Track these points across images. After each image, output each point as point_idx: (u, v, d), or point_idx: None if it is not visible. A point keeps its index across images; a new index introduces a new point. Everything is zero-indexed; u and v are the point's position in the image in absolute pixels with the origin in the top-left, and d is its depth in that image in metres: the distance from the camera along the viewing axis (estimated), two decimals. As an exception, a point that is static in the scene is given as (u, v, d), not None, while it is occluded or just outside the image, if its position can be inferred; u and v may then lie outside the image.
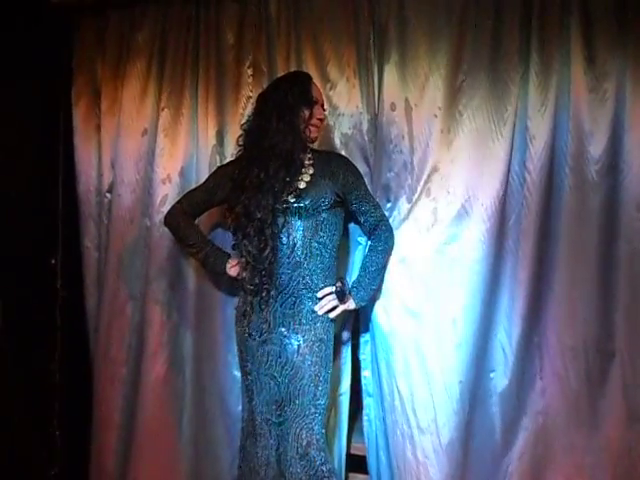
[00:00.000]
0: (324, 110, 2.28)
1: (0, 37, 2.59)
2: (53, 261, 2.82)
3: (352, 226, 2.45)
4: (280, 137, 2.10)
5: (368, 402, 2.50)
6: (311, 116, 2.18)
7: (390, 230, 2.32)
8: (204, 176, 2.48)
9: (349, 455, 2.56)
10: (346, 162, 2.31)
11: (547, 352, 2.27)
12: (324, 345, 2.18)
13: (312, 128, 2.20)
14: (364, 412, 2.50)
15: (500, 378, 2.28)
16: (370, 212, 2.28)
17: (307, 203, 2.14)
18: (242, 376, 2.29)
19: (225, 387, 2.58)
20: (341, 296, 2.21)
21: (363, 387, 2.51)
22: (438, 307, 2.29)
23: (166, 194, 2.60)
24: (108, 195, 2.75)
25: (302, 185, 2.17)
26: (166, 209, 2.51)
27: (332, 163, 2.26)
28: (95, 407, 2.71)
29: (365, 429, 2.50)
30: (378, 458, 2.45)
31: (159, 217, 2.57)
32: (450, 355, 2.26)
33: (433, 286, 2.30)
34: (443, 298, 2.28)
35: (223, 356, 2.57)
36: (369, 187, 2.36)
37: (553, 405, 2.26)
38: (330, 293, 2.20)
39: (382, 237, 2.29)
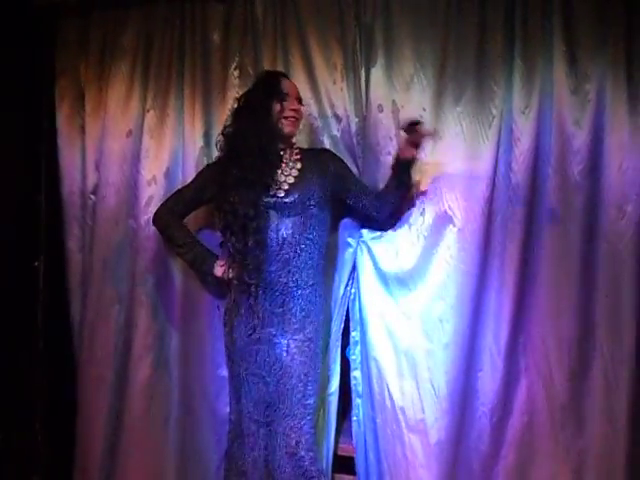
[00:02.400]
0: (300, 104, 2.27)
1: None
2: (36, 263, 2.79)
3: (342, 225, 2.46)
4: (251, 133, 2.13)
5: (357, 402, 2.50)
6: (282, 109, 2.18)
7: None
8: (190, 177, 2.47)
9: (335, 456, 2.56)
10: (332, 154, 2.35)
11: (532, 351, 2.30)
12: (313, 344, 2.19)
13: (285, 121, 2.20)
14: (353, 412, 2.50)
15: (487, 378, 2.30)
16: (369, 189, 2.31)
17: (296, 198, 2.15)
18: (230, 377, 2.29)
19: (212, 389, 2.56)
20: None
21: (352, 387, 2.51)
22: (427, 307, 2.32)
23: (151, 195, 2.59)
24: (92, 197, 2.72)
25: (291, 180, 2.19)
26: (152, 210, 2.50)
27: (320, 157, 2.29)
28: (79, 411, 2.68)
29: (354, 430, 2.50)
30: (367, 458, 2.45)
31: (144, 218, 2.57)
32: (439, 355, 2.29)
33: (422, 286, 2.33)
34: (432, 298, 2.31)
35: (210, 358, 2.56)
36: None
37: (538, 404, 2.29)
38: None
39: None
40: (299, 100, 2.27)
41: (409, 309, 2.34)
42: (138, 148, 2.62)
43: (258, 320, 2.16)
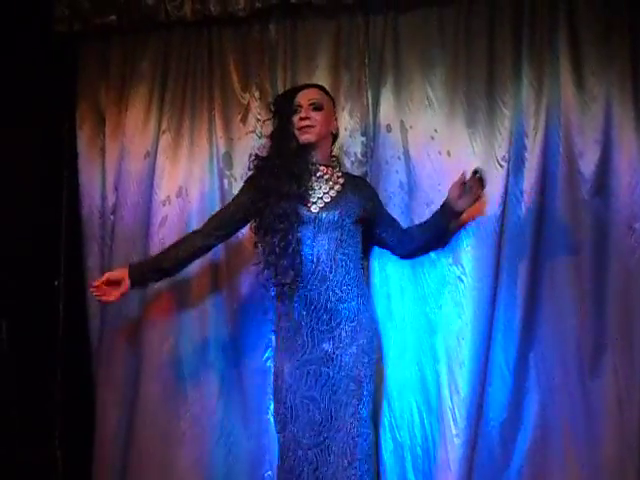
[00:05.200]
0: (316, 111, 2.20)
1: (5, 64, 2.68)
2: (56, 282, 2.85)
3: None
4: (275, 147, 2.21)
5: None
6: (294, 122, 2.20)
7: None
8: (209, 198, 2.57)
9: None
10: (373, 189, 2.38)
11: (543, 367, 2.32)
12: (367, 356, 2.13)
13: (299, 132, 2.18)
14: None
15: (498, 393, 2.32)
16: (397, 222, 2.36)
17: (336, 214, 2.14)
18: (275, 408, 2.21)
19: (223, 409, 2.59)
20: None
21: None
22: (446, 325, 2.34)
23: (165, 215, 2.65)
24: (111, 217, 2.77)
25: (327, 199, 2.18)
26: (166, 229, 2.59)
27: (362, 184, 2.34)
28: (97, 427, 2.70)
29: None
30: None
31: (159, 238, 2.63)
32: (457, 372, 2.29)
33: (443, 304, 2.35)
34: (449, 316, 2.34)
35: (214, 370, 2.59)
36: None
37: (550, 419, 2.30)
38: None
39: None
40: (316, 107, 2.22)
41: (431, 326, 2.37)
42: (154, 169, 2.68)
43: (308, 340, 2.13)
